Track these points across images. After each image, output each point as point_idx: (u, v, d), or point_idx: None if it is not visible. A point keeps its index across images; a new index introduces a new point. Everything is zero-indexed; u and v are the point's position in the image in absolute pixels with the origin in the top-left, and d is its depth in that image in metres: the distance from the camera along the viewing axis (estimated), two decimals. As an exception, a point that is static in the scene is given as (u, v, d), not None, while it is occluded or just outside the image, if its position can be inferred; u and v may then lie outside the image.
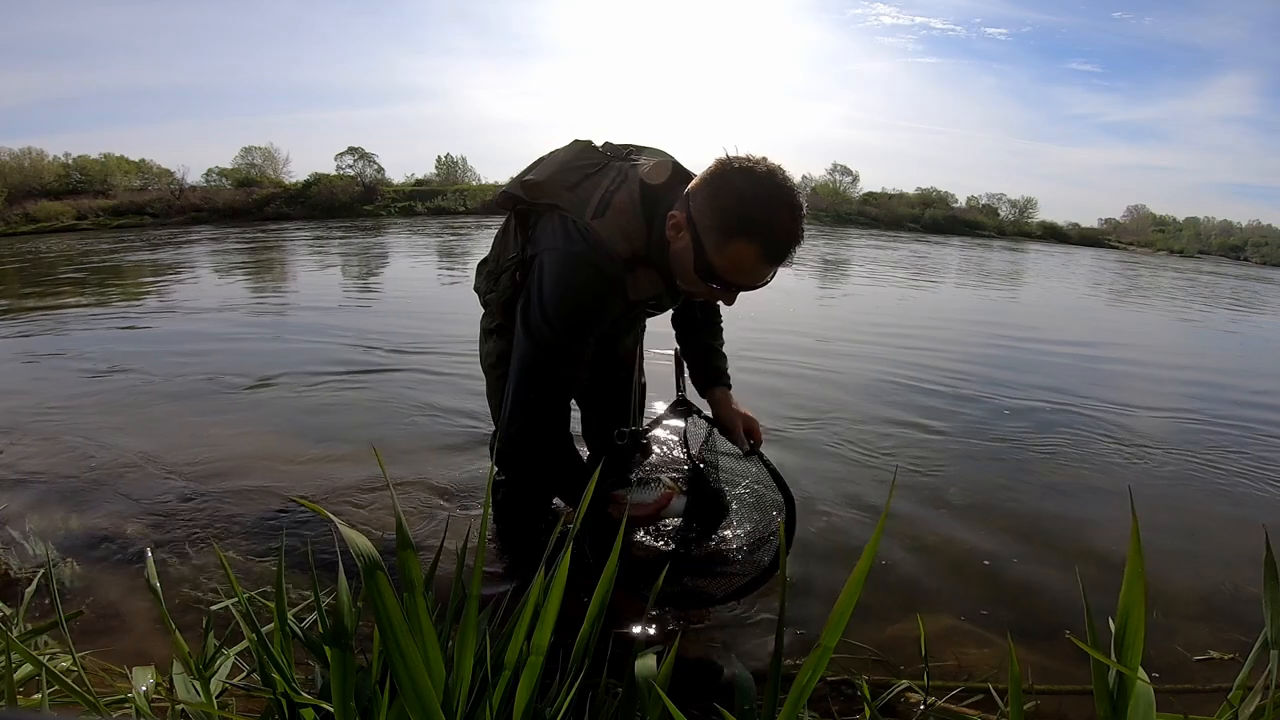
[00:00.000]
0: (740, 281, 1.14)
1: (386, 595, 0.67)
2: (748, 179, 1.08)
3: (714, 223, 1.11)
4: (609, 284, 1.22)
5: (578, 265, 1.20)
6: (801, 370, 3.63)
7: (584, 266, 1.20)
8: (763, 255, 1.10)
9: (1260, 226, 38.76)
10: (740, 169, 1.09)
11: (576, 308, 1.21)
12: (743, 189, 1.08)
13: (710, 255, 1.12)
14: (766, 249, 1.09)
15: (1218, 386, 3.99)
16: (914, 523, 1.87)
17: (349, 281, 7.46)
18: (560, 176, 1.27)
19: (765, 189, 1.08)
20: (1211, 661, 1.34)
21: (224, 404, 2.75)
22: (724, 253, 1.11)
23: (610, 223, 1.20)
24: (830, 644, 0.76)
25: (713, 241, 1.11)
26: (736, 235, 1.09)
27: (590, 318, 1.24)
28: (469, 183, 31.89)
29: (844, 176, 37.47)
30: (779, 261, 1.12)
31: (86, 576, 1.47)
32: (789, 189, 1.09)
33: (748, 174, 1.08)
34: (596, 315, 1.24)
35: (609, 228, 1.20)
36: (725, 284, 1.15)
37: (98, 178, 25.95)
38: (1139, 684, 0.73)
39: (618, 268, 1.21)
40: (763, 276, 1.14)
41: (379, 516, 1.76)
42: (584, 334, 1.25)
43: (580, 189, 1.25)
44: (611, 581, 0.84)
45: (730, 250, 1.10)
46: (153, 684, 0.93)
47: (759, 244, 1.09)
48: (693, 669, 1.24)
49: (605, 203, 1.22)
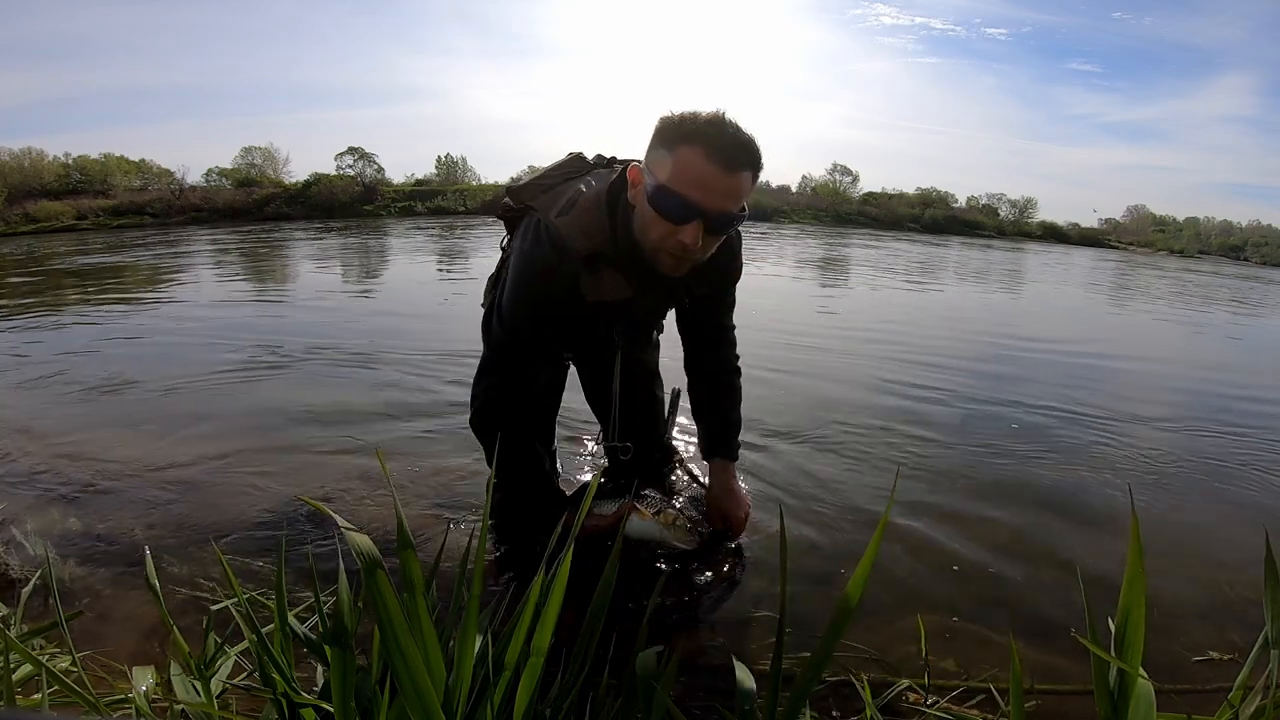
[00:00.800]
0: (692, 193, 1.11)
1: (387, 595, 0.67)
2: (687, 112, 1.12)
3: (658, 144, 1.13)
4: (560, 280, 1.24)
5: (531, 262, 1.24)
6: (800, 369, 3.63)
7: (537, 263, 1.24)
8: (707, 155, 1.09)
9: (1260, 226, 38.77)
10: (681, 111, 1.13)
11: (527, 302, 1.27)
12: (685, 114, 1.12)
13: (660, 178, 1.12)
14: (710, 148, 1.09)
15: (1218, 387, 3.99)
16: (914, 522, 1.87)
17: (349, 281, 7.46)
18: (541, 180, 1.33)
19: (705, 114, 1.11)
20: (1211, 661, 1.34)
21: (224, 403, 2.75)
22: (670, 164, 1.11)
23: (573, 220, 1.23)
24: (830, 644, 0.76)
25: (659, 160, 1.13)
26: (679, 142, 1.11)
27: (539, 312, 1.27)
28: (469, 183, 31.91)
29: (844, 176, 37.50)
30: (728, 166, 1.10)
31: (86, 576, 1.47)
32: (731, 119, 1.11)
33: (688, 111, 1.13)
34: (546, 311, 1.27)
35: (570, 225, 1.23)
36: (679, 202, 1.11)
37: (98, 178, 25.95)
38: (1140, 683, 0.73)
39: (573, 265, 1.23)
40: (716, 188, 1.11)
41: (380, 516, 1.76)
42: (535, 329, 1.29)
43: (555, 190, 1.30)
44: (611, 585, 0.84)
45: (676, 158, 1.11)
46: (153, 684, 0.93)
47: (701, 144, 1.09)
48: (693, 669, 1.24)
49: (572, 202, 1.26)
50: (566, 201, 1.26)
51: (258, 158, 30.14)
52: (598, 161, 1.38)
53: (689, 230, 1.13)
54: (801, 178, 38.17)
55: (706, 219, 1.13)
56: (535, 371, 1.36)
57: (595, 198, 1.25)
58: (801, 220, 30.41)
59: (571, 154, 1.41)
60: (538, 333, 1.30)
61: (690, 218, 1.13)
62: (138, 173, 27.37)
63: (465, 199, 28.11)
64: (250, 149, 30.23)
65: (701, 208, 1.12)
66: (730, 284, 1.49)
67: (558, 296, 1.26)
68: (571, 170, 1.35)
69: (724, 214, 1.14)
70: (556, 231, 1.23)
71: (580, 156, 1.39)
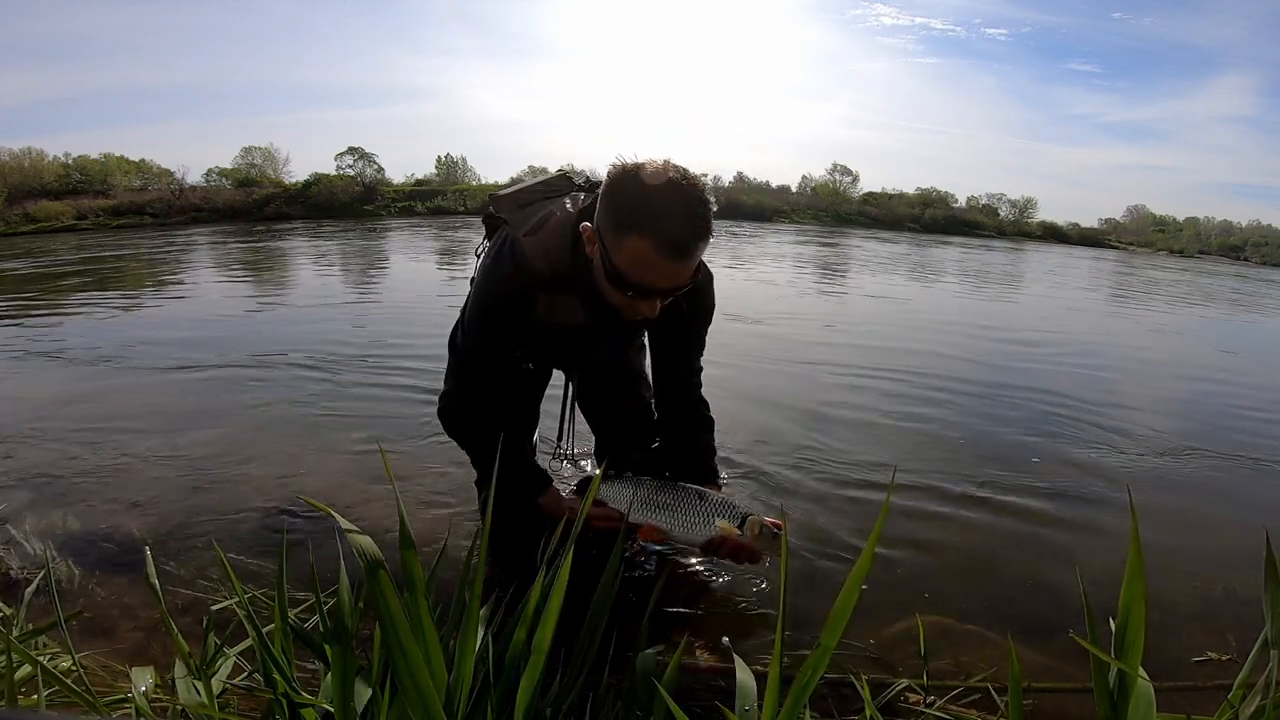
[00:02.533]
0: (645, 280, 1.12)
1: (388, 595, 0.67)
2: (639, 176, 1.09)
3: (608, 222, 1.12)
4: (515, 296, 1.29)
5: (490, 276, 1.30)
6: (799, 368, 3.63)
7: (495, 279, 1.29)
8: (656, 248, 1.08)
9: (1260, 226, 38.79)
10: (633, 169, 1.10)
11: (485, 313, 1.33)
12: (634, 187, 1.08)
13: (612, 256, 1.12)
14: (660, 242, 1.08)
15: (1218, 387, 3.99)
16: (913, 522, 1.87)
17: (349, 281, 7.45)
18: (520, 195, 1.35)
19: (657, 183, 1.07)
20: (1211, 661, 1.34)
21: (224, 403, 2.75)
22: (621, 250, 1.10)
23: (538, 241, 1.26)
24: (830, 644, 0.76)
25: (611, 240, 1.12)
26: (628, 230, 1.09)
27: (495, 324, 1.33)
28: (469, 183, 31.92)
29: (844, 176, 37.52)
30: (678, 255, 1.09)
31: (86, 576, 1.47)
32: (685, 184, 1.08)
33: (639, 171, 1.09)
34: (501, 320, 1.32)
35: (535, 245, 1.26)
36: (632, 286, 1.13)
37: (98, 178, 25.95)
38: (1140, 683, 0.73)
39: (528, 282, 1.27)
40: (667, 273, 1.11)
41: (381, 515, 1.76)
42: (493, 338, 1.35)
43: (530, 208, 1.32)
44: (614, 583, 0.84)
45: (626, 247, 1.10)
46: (153, 684, 0.93)
47: (651, 237, 1.08)
48: (693, 669, 1.24)
49: (541, 222, 1.28)
50: (537, 221, 1.28)
51: (258, 158, 30.15)
52: (583, 184, 1.38)
53: (645, 305, 1.17)
54: (801, 178, 38.25)
55: (662, 295, 1.17)
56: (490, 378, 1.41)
57: (562, 222, 1.27)
58: (801, 220, 30.41)
59: (560, 172, 1.42)
60: (495, 341, 1.35)
61: (645, 298, 1.16)
62: (138, 173, 27.37)
63: (465, 199, 28.12)
64: (250, 149, 30.26)
65: (656, 290, 1.14)
66: (701, 323, 1.47)
67: (512, 310, 1.31)
68: (554, 190, 1.36)
69: (678, 288, 1.17)
70: (520, 249, 1.26)
71: (566, 177, 1.40)
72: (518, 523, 1.39)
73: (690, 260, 1.12)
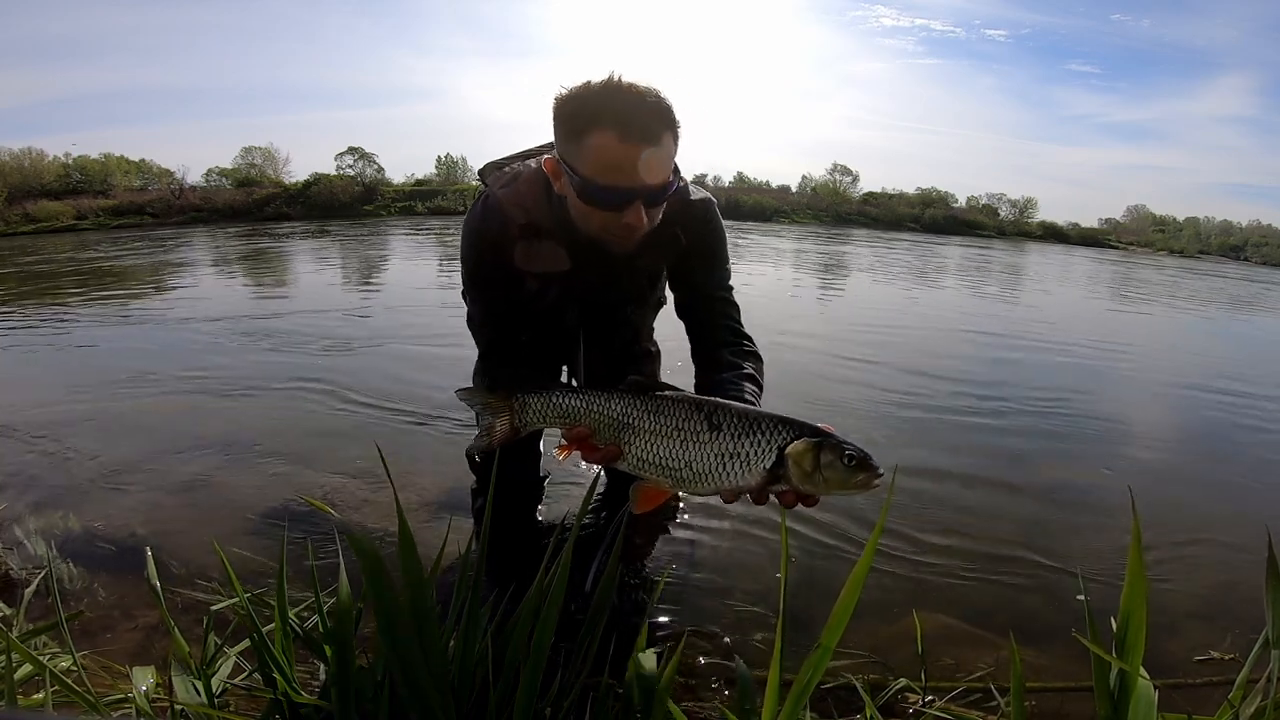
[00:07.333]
0: (617, 181, 1.07)
1: (388, 594, 0.67)
2: (583, 87, 1.08)
3: (565, 134, 1.10)
4: (491, 248, 1.29)
5: (469, 232, 1.31)
6: (798, 367, 3.63)
7: (471, 234, 1.31)
8: (619, 137, 1.04)
9: (1260, 226, 38.73)
10: (576, 85, 1.09)
11: (471, 269, 1.34)
12: (580, 93, 1.07)
13: (578, 168, 1.08)
14: (620, 129, 1.04)
15: (1218, 387, 3.99)
16: (912, 522, 1.87)
17: (349, 281, 7.45)
18: (502, 160, 1.38)
19: (601, 84, 1.06)
20: (1211, 661, 1.34)
21: (224, 403, 2.75)
22: (584, 155, 1.07)
23: (513, 192, 1.27)
24: (830, 644, 0.76)
25: (573, 153, 1.08)
26: (587, 131, 1.05)
27: (482, 275, 1.33)
28: (469, 183, 31.88)
29: (844, 176, 37.43)
30: (643, 138, 1.05)
31: (86, 576, 1.47)
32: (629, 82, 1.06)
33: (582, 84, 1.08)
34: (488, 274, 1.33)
35: (508, 196, 1.27)
36: (605, 191, 1.07)
37: (98, 178, 25.91)
38: (1140, 682, 0.73)
39: (504, 234, 1.27)
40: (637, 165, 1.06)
41: (381, 515, 1.76)
42: (486, 291, 1.35)
43: (509, 167, 1.34)
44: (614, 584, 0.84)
45: (587, 148, 1.06)
46: (153, 684, 0.93)
47: (609, 126, 1.04)
48: (693, 669, 1.24)
49: (515, 175, 1.30)
50: (510, 175, 1.30)
51: (258, 158, 30.12)
52: None
53: (631, 213, 1.10)
54: (802, 178, 38.15)
55: (644, 198, 1.10)
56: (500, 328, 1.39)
57: (536, 172, 1.27)
58: (802, 220, 30.40)
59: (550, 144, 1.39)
60: (489, 294, 1.35)
61: (627, 203, 1.09)
62: (138, 173, 27.33)
63: (465, 199, 28.09)
64: (250, 149, 30.21)
65: (634, 190, 1.08)
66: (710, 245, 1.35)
67: (490, 262, 1.30)
68: (533, 152, 1.38)
69: (659, 188, 1.11)
70: (494, 201, 1.27)
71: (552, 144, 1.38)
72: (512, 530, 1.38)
73: (657, 146, 1.06)
